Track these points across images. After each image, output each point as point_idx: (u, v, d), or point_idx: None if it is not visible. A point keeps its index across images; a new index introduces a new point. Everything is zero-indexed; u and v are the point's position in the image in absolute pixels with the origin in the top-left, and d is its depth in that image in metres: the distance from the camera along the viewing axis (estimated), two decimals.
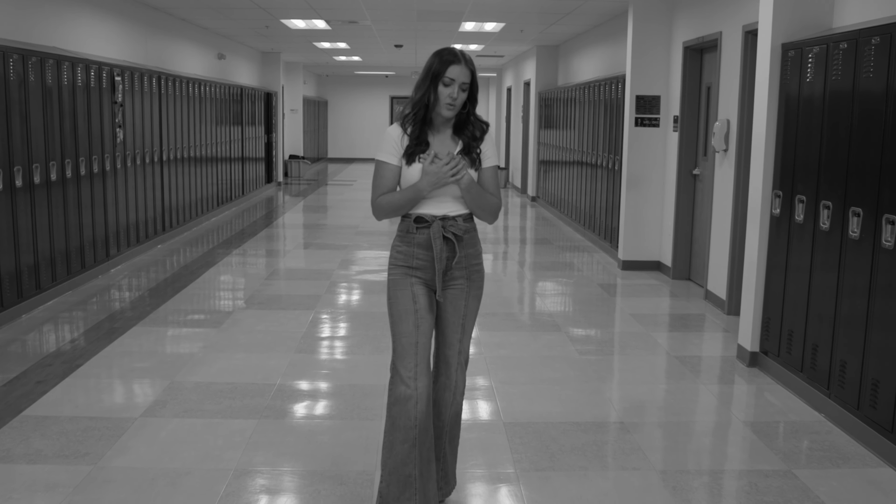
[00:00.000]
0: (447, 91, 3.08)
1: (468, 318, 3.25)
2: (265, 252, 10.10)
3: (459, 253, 3.17)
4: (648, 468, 3.93)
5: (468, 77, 3.10)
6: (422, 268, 3.17)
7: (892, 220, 3.97)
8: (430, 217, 3.15)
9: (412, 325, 3.12)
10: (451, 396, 3.29)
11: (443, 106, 3.11)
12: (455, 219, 3.16)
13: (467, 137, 3.19)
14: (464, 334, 3.25)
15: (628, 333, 6.45)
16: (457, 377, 3.28)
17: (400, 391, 3.07)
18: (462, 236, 3.16)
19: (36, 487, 3.61)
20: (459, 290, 3.21)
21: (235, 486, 3.65)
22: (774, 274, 5.29)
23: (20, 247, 6.45)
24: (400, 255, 3.20)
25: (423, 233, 3.15)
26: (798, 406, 4.80)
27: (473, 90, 3.16)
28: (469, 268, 3.22)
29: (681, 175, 8.19)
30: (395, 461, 3.07)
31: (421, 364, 3.09)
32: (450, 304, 3.21)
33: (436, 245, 3.11)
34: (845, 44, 4.44)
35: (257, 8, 10.69)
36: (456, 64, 3.09)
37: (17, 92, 6.36)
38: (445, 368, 3.27)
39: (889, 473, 3.90)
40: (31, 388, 4.87)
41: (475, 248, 3.25)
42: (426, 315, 3.14)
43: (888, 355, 4.01)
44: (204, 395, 4.80)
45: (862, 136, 4.28)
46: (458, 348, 3.25)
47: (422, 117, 3.14)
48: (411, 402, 3.05)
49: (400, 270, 3.19)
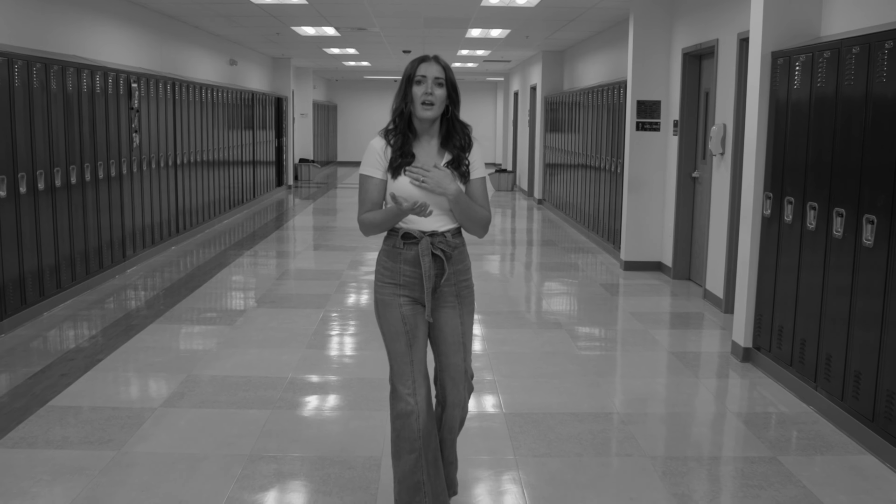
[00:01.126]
0: (420, 89, 3.03)
1: (466, 336, 3.22)
2: (276, 253, 10.36)
3: (448, 270, 3.11)
4: (640, 455, 4.15)
5: (440, 72, 3.05)
6: (409, 285, 3.11)
7: (872, 219, 4.19)
8: (418, 233, 3.07)
9: (405, 345, 3.11)
10: (459, 412, 3.27)
11: (418, 106, 3.04)
12: (444, 234, 3.10)
13: (455, 149, 3.12)
14: (466, 353, 3.23)
15: (628, 331, 6.68)
16: (464, 396, 3.25)
17: (400, 408, 3.10)
18: (451, 253, 3.11)
19: (64, 470, 3.86)
20: (452, 309, 3.17)
21: (250, 470, 3.88)
22: (766, 272, 5.51)
23: (42, 247, 6.72)
24: (386, 272, 3.14)
25: (412, 249, 3.08)
26: (787, 398, 5.01)
27: (451, 92, 3.09)
28: (458, 284, 3.18)
29: (680, 178, 8.41)
30: (404, 470, 3.13)
31: (418, 379, 3.11)
32: (446, 324, 3.17)
33: (424, 262, 3.05)
34: (829, 52, 4.67)
35: (268, 16, 10.96)
36: (425, 62, 3.07)
37: (39, 99, 6.62)
38: (453, 387, 3.21)
39: (870, 460, 4.11)
40: (55, 380, 5.13)
41: (464, 264, 3.20)
42: (417, 333, 3.13)
43: (869, 349, 4.22)
44: (219, 387, 5.05)
45: (844, 139, 4.50)
46: (463, 367, 3.21)
47: (404, 128, 3.08)
48: (413, 416, 3.09)
49: (387, 289, 3.13)
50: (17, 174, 6.29)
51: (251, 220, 13.25)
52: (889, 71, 4.06)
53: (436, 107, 3.05)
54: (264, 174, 16.21)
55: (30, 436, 4.26)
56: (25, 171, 6.42)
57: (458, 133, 3.13)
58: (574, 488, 3.75)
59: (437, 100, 3.04)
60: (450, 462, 3.37)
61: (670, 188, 8.71)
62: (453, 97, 3.10)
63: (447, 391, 3.21)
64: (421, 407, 3.10)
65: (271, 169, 17.04)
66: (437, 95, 3.04)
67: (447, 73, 3.07)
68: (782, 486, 3.80)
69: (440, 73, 3.04)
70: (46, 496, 3.60)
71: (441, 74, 3.04)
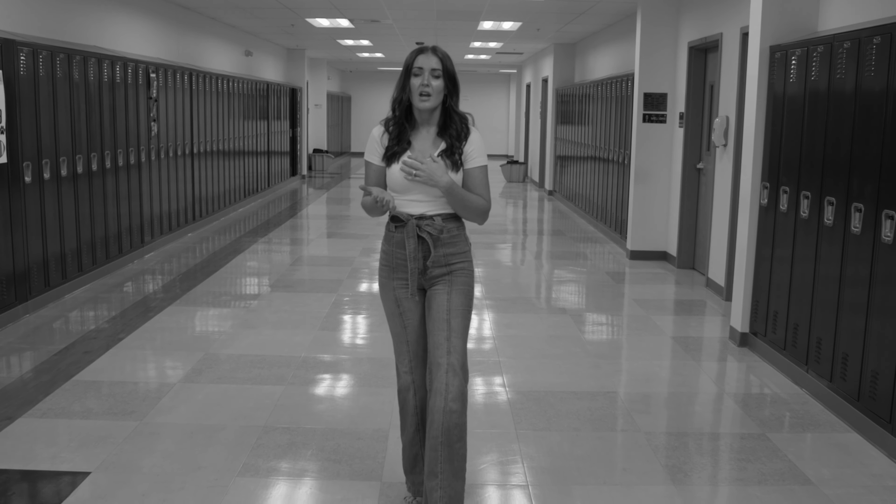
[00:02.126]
0: (417, 81, 3.09)
1: (453, 315, 3.14)
2: (290, 241, 10.60)
3: (435, 252, 3.14)
4: (635, 430, 4.36)
5: (437, 63, 3.09)
6: (399, 267, 3.21)
7: (860, 207, 4.37)
8: (405, 216, 3.15)
9: (400, 326, 3.25)
10: (441, 402, 3.03)
11: (415, 96, 3.10)
12: (432, 218, 3.14)
13: (451, 138, 3.15)
14: (451, 332, 3.11)
15: (631, 317, 6.88)
16: (448, 381, 3.04)
17: (400, 383, 3.30)
18: (438, 236, 3.13)
19: (90, 438, 4.10)
20: (441, 286, 3.18)
21: (265, 440, 4.12)
22: (762, 260, 5.69)
23: (64, 232, 6.97)
24: (384, 255, 3.27)
25: (401, 231, 3.17)
26: (780, 380, 5.20)
27: (450, 83, 3.14)
28: (450, 265, 3.18)
29: (685, 169, 8.59)
30: (406, 440, 3.36)
31: (415, 360, 3.26)
32: (433, 301, 3.18)
33: (409, 244, 3.13)
34: (822, 47, 4.84)
35: (284, 8, 11.17)
36: (422, 53, 3.12)
37: (63, 88, 6.87)
38: (435, 371, 3.09)
39: (854, 437, 4.31)
40: (79, 357, 5.38)
41: (458, 248, 3.20)
42: (411, 316, 3.23)
43: (856, 333, 4.41)
44: (236, 365, 5.28)
45: (835, 131, 4.68)
46: (445, 348, 3.09)
47: (402, 117, 3.16)
48: (410, 391, 3.28)
49: (384, 272, 3.26)
50: (41, 161, 6.54)
51: (265, 209, 13.49)
52: (877, 66, 4.23)
53: (432, 97, 3.10)
54: (279, 164, 16.46)
55: (56, 407, 4.51)
56: (49, 158, 6.66)
57: (455, 123, 3.17)
58: (570, 459, 3.97)
59: (434, 91, 3.09)
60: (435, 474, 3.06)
61: (675, 179, 8.88)
62: (450, 88, 3.14)
63: (431, 375, 3.12)
64: (418, 384, 3.26)
65: (286, 159, 17.30)
66: (434, 86, 3.09)
67: (444, 64, 3.11)
68: (769, 460, 4.00)
69: (437, 65, 3.09)
70: (75, 460, 3.84)
71: (438, 66, 3.10)
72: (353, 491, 3.60)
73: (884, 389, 4.13)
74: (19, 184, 6.23)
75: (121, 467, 3.78)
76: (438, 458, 3.04)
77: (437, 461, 3.04)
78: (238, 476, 3.71)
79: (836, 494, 3.66)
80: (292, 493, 3.59)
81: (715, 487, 3.77)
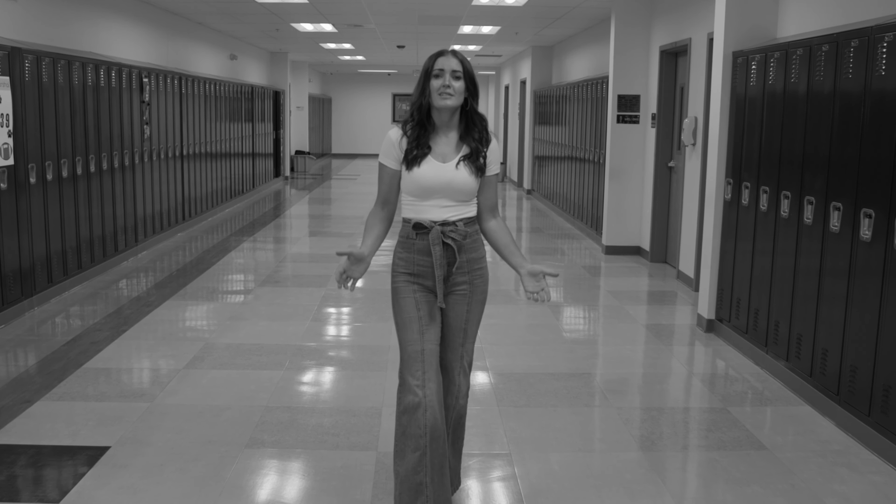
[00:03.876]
0: (438, 82, 3.06)
1: (470, 323, 3.22)
2: (277, 239, 10.94)
3: (460, 258, 3.14)
4: (607, 406, 4.76)
5: (458, 65, 3.08)
6: (423, 274, 3.14)
7: (812, 200, 4.79)
8: (428, 223, 3.11)
9: (416, 332, 3.10)
10: (453, 400, 3.26)
11: (435, 96, 3.07)
12: (455, 224, 3.12)
13: (474, 142, 3.15)
14: (466, 339, 3.22)
15: (605, 307, 7.28)
16: (459, 381, 3.25)
17: (409, 400, 3.03)
18: (462, 242, 3.13)
19: (105, 418, 4.44)
20: (461, 296, 3.18)
21: (268, 417, 4.47)
22: (726, 251, 6.11)
23: (65, 230, 7.28)
24: (401, 262, 3.18)
25: (423, 239, 3.11)
26: (742, 361, 5.62)
27: (470, 85, 3.12)
28: (471, 272, 3.19)
29: (657, 167, 9.01)
30: (407, 469, 3.03)
31: (429, 371, 3.06)
32: (451, 309, 3.18)
33: (435, 251, 3.08)
34: (778, 53, 5.26)
35: (269, 13, 11.50)
36: (442, 56, 3.11)
37: (63, 93, 7.17)
38: (447, 373, 3.22)
39: (807, 410, 4.72)
40: (86, 347, 5.70)
41: (478, 253, 3.21)
42: (430, 322, 3.13)
43: (809, 315, 4.83)
44: (235, 353, 5.63)
45: (790, 130, 5.10)
46: (460, 353, 3.21)
47: (421, 119, 3.12)
48: (420, 410, 3.01)
49: (402, 278, 3.17)
50: (44, 163, 6.85)
51: (251, 210, 13.80)
52: (825, 71, 4.65)
53: (454, 97, 3.07)
54: (263, 165, 16.77)
55: (71, 391, 4.84)
56: (51, 160, 6.97)
57: (477, 126, 3.17)
58: (549, 431, 4.35)
59: (456, 91, 3.07)
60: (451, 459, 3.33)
61: (648, 177, 9.30)
62: (472, 90, 3.13)
63: (441, 374, 3.18)
64: (429, 401, 3.02)
65: (270, 160, 17.61)
66: (456, 87, 3.07)
67: (465, 66, 3.10)
68: (728, 430, 4.41)
69: (458, 67, 3.08)
70: (94, 436, 4.18)
71: (458, 67, 3.08)
72: (351, 459, 3.97)
73: (832, 366, 4.54)
74: (25, 185, 6.54)
75: (137, 442, 4.13)
76: (447, 447, 3.18)
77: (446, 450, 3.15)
78: (245, 448, 4.07)
79: (787, 457, 4.06)
80: (296, 461, 3.95)
81: (678, 453, 4.17)
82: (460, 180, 3.10)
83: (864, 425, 4.21)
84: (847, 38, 4.43)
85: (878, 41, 4.13)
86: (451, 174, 3.10)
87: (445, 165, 3.11)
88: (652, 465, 3.96)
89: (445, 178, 3.10)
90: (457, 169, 3.10)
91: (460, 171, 3.11)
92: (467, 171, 3.11)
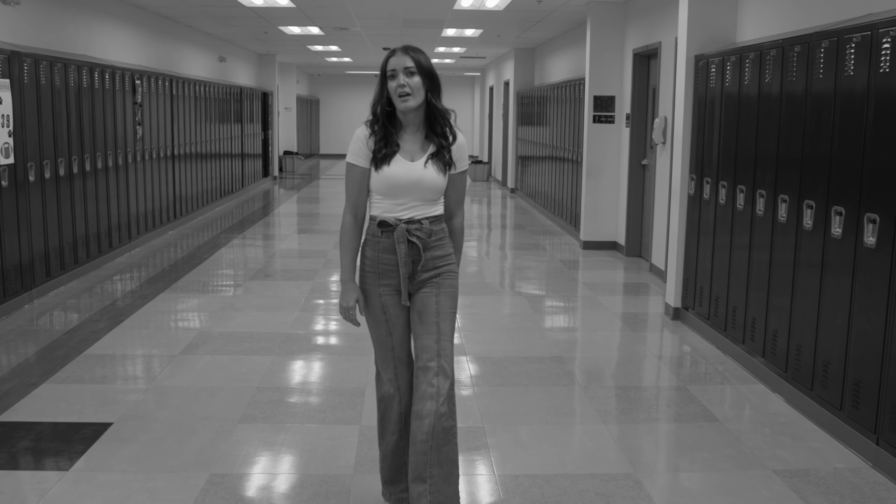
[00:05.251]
0: (393, 83, 3.03)
1: (442, 318, 3.13)
2: (266, 236, 11.28)
3: (425, 256, 3.11)
4: (574, 385, 5.12)
5: (409, 61, 3.03)
6: (387, 273, 3.13)
7: (763, 193, 5.16)
8: (393, 221, 3.09)
9: (385, 333, 3.18)
10: (433, 406, 3.02)
11: (395, 99, 3.04)
12: (420, 222, 3.10)
13: (438, 138, 3.12)
14: (440, 336, 3.11)
15: (580, 298, 7.66)
16: (439, 384, 3.04)
17: (383, 391, 3.28)
18: (427, 240, 3.11)
19: (108, 398, 4.77)
20: (429, 290, 3.14)
21: (259, 397, 4.81)
22: (691, 242, 6.48)
23: (62, 227, 7.60)
24: (367, 261, 3.16)
25: (389, 237, 3.09)
26: (704, 345, 6.00)
27: (426, 80, 3.07)
28: (437, 269, 3.15)
29: (632, 166, 9.39)
30: (387, 449, 3.33)
31: (399, 367, 3.22)
32: (420, 303, 3.14)
33: (400, 249, 3.07)
34: (734, 57, 5.64)
35: (257, 17, 11.84)
36: (394, 55, 3.06)
37: (60, 95, 7.49)
38: (424, 374, 3.06)
39: (760, 388, 5.09)
40: (86, 335, 6.03)
41: (443, 250, 3.17)
42: (397, 322, 3.17)
43: (761, 301, 5.21)
44: (228, 340, 5.97)
45: (745, 129, 5.48)
46: (435, 350, 3.08)
47: (384, 121, 3.09)
48: (395, 400, 3.25)
49: (369, 278, 3.16)
50: (42, 162, 7.17)
51: (240, 208, 14.13)
52: (772, 73, 5.03)
53: (413, 96, 3.03)
54: (252, 165, 17.10)
55: (74, 375, 5.17)
56: (49, 160, 7.29)
57: (439, 121, 3.13)
58: (519, 407, 4.71)
59: (413, 89, 3.03)
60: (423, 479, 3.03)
61: (623, 175, 9.68)
62: (429, 84, 3.08)
63: (419, 378, 3.08)
64: (403, 391, 3.24)
65: (258, 160, 17.94)
66: (412, 85, 3.02)
67: (418, 60, 3.05)
68: (685, 405, 4.78)
69: (410, 63, 3.03)
70: (97, 414, 4.51)
71: (411, 63, 3.03)
72: (337, 432, 4.32)
73: (781, 346, 4.92)
74: (25, 183, 6.85)
75: (138, 418, 4.47)
76: (427, 462, 3.01)
77: (426, 465, 3.01)
78: (239, 423, 4.41)
79: (736, 428, 4.44)
80: (286, 434, 4.29)
81: (637, 425, 4.53)
82: (429, 179, 3.08)
83: (808, 399, 4.59)
84: (791, 44, 4.81)
85: (816, 47, 4.51)
86: (419, 173, 3.07)
87: (414, 164, 3.08)
88: (612, 436, 4.32)
89: (414, 177, 3.06)
90: (425, 168, 3.08)
91: (428, 169, 3.08)
92: (435, 170, 3.09)
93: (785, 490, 3.72)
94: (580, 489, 3.70)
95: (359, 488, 3.67)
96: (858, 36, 4.11)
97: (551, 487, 3.70)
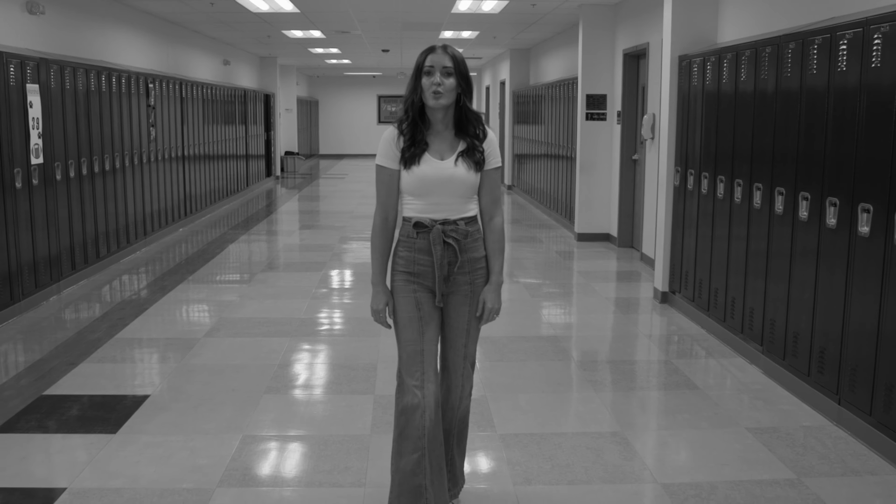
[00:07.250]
0: (429, 80, 3.00)
1: (473, 323, 3.18)
2: (273, 232, 11.74)
3: (461, 258, 3.09)
4: (568, 360, 5.59)
5: (449, 61, 3.01)
6: (423, 274, 3.10)
7: (740, 182, 5.63)
8: (429, 222, 3.07)
9: (416, 332, 3.08)
10: (456, 400, 3.23)
11: (427, 95, 3.01)
12: (456, 223, 3.08)
13: (469, 137, 3.09)
14: (469, 340, 3.19)
15: (574, 284, 8.12)
16: (463, 381, 3.22)
17: (407, 401, 3.04)
18: (463, 241, 3.09)
19: (143, 375, 5.24)
20: (463, 296, 3.13)
21: (281, 373, 5.27)
22: (677, 230, 6.95)
23: (86, 223, 8.06)
24: (401, 261, 3.13)
25: (424, 238, 3.06)
26: (689, 325, 6.46)
27: (462, 82, 3.05)
28: (472, 272, 3.13)
29: (623, 160, 9.85)
30: (405, 471, 3.03)
31: (428, 371, 3.05)
32: (454, 309, 3.14)
33: (436, 251, 3.04)
34: (714, 57, 6.10)
35: (262, 21, 12.29)
36: (432, 53, 3.04)
37: (82, 99, 7.95)
38: (450, 373, 3.20)
39: (739, 361, 5.56)
40: (114, 322, 6.48)
41: (478, 252, 3.15)
42: (430, 322, 3.10)
43: (739, 281, 5.67)
44: (247, 324, 6.43)
45: (725, 124, 5.94)
46: (463, 353, 3.18)
47: (415, 117, 3.06)
48: (419, 411, 3.00)
49: (402, 277, 3.13)
50: (67, 162, 7.62)
51: (246, 207, 14.59)
52: (747, 72, 5.50)
53: (445, 96, 3.02)
54: (256, 165, 17.57)
55: (109, 356, 5.62)
56: (73, 160, 7.75)
57: (471, 122, 3.11)
58: (518, 378, 5.18)
59: (447, 89, 3.01)
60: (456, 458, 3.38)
61: (615, 170, 10.15)
62: (463, 86, 3.06)
63: (444, 374, 3.22)
64: (428, 402, 3.01)
65: (261, 161, 18.40)
66: (447, 85, 3.01)
67: (456, 62, 3.04)
68: (669, 376, 5.25)
69: (449, 63, 3.01)
70: (135, 387, 4.98)
71: (450, 64, 3.01)
72: (353, 401, 4.78)
73: (757, 322, 5.39)
74: (52, 181, 7.31)
75: (173, 391, 4.93)
76: (452, 446, 3.31)
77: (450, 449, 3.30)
78: (265, 394, 4.87)
79: (715, 395, 4.91)
80: (307, 402, 4.75)
81: (624, 392, 5.00)
82: (460, 177, 3.05)
83: (781, 368, 5.06)
84: (763, 45, 5.28)
85: (784, 48, 4.98)
86: (450, 171, 3.05)
87: (444, 162, 3.06)
88: (602, 402, 4.78)
89: (445, 175, 3.05)
90: (455, 165, 3.06)
91: (459, 167, 3.06)
92: (465, 167, 3.07)
93: (756, 444, 4.18)
94: (573, 444, 4.16)
95: (376, 446, 4.13)
96: (821, 38, 4.57)
97: (547, 443, 4.17)
